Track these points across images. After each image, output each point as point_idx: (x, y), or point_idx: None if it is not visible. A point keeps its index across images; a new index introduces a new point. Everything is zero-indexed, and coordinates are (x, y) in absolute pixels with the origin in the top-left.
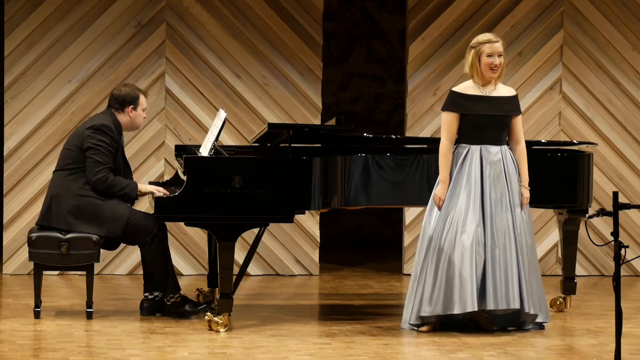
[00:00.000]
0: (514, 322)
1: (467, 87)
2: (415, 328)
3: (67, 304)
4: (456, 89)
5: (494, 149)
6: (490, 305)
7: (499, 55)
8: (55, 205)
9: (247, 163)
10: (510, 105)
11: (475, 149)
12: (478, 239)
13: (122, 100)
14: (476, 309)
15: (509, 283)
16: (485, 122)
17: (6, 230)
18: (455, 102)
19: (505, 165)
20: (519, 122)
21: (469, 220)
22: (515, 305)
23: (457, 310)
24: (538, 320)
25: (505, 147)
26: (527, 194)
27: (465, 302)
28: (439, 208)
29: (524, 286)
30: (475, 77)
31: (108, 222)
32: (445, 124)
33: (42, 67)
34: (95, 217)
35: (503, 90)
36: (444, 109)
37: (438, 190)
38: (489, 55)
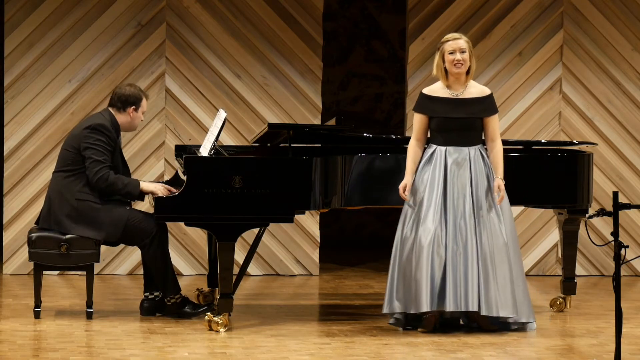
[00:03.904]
0: (496, 323)
1: (436, 89)
2: (396, 327)
3: (67, 304)
4: (425, 90)
5: (460, 150)
6: (450, 307)
7: (462, 52)
8: (54, 208)
9: (247, 163)
10: (481, 106)
11: (441, 150)
12: (438, 239)
13: (126, 100)
14: (429, 309)
15: (468, 285)
16: (450, 124)
17: (6, 230)
18: (422, 104)
19: (472, 166)
20: (492, 122)
21: (428, 221)
22: (474, 307)
23: (413, 310)
24: (522, 320)
25: (475, 148)
26: (499, 182)
27: (420, 303)
28: (403, 199)
29: (490, 288)
30: (442, 78)
31: (106, 226)
32: (414, 124)
33: (42, 67)
34: (94, 221)
35: (474, 90)
36: (414, 109)
37: (402, 182)
38: (451, 53)
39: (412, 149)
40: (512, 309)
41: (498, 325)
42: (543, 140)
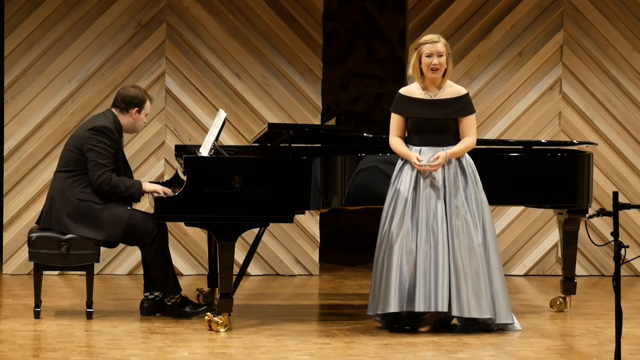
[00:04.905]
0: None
1: (413, 90)
2: (380, 325)
3: (67, 304)
4: (402, 90)
5: (435, 151)
6: (420, 307)
7: (439, 55)
8: (55, 208)
9: (247, 163)
10: (455, 107)
11: (415, 150)
12: (408, 239)
13: (130, 102)
14: (397, 310)
15: (438, 286)
16: (425, 125)
17: (6, 230)
18: (399, 104)
19: (446, 167)
20: (466, 121)
21: (398, 220)
22: (444, 308)
23: (380, 311)
24: (501, 321)
25: (450, 149)
26: (442, 154)
27: (388, 303)
28: (418, 167)
29: (461, 289)
30: (418, 79)
31: (107, 226)
32: (392, 124)
33: (42, 67)
34: (95, 221)
35: (449, 91)
36: (391, 109)
37: (411, 161)
38: (428, 56)
39: (396, 140)
40: (488, 310)
41: (477, 327)
42: (543, 140)
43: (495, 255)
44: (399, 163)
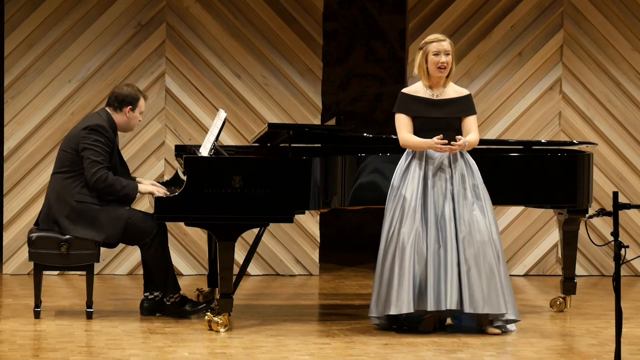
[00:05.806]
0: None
1: (416, 89)
2: (378, 327)
3: (67, 304)
4: (405, 90)
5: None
6: (431, 306)
7: (446, 54)
8: (52, 210)
9: (247, 163)
10: (459, 107)
11: (420, 150)
12: (419, 239)
13: (122, 100)
14: (412, 310)
15: (447, 284)
16: (430, 124)
17: (6, 230)
18: (403, 103)
19: (452, 165)
20: (469, 121)
21: (409, 221)
22: (452, 306)
23: (393, 312)
24: (511, 317)
25: None
26: (460, 140)
27: (402, 303)
28: (440, 146)
29: (474, 285)
30: (424, 78)
31: (106, 227)
32: (398, 124)
33: (42, 67)
34: (94, 222)
35: (453, 91)
36: (395, 110)
37: (432, 144)
38: (436, 54)
39: (407, 135)
40: (497, 306)
41: (476, 326)
42: (543, 140)
43: (502, 252)
44: (403, 163)
